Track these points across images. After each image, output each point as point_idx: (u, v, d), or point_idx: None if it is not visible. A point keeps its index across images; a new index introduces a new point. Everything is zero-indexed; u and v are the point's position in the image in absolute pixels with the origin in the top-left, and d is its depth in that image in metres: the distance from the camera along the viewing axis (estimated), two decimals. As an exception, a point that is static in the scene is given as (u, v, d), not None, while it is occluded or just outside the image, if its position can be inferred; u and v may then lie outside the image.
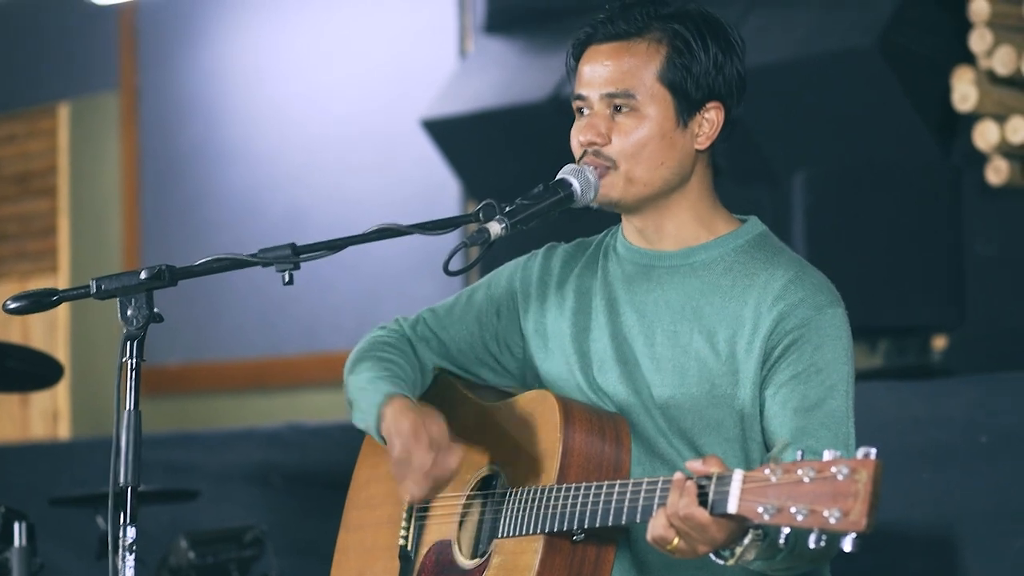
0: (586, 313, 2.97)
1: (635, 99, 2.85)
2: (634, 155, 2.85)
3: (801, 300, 2.81)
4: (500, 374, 3.09)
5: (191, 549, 4.66)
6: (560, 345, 2.98)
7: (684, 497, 2.49)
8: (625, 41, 2.88)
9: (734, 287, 2.86)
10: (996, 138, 5.17)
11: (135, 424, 2.68)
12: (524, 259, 3.09)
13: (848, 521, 2.29)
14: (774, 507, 2.36)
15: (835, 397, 2.79)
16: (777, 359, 2.80)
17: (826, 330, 2.81)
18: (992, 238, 5.31)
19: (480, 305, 3.07)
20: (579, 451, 2.81)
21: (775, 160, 5.61)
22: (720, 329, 2.84)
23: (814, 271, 2.88)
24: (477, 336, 3.07)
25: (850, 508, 2.29)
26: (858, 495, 2.30)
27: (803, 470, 2.35)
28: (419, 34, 7.31)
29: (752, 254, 2.89)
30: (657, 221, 2.92)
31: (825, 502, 2.32)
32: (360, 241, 2.78)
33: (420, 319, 3.12)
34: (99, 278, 2.72)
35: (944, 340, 5.57)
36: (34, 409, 8.39)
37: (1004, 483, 4.15)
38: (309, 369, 7.53)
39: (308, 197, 7.57)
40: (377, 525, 3.05)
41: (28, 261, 8.59)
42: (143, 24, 8.19)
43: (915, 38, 5.34)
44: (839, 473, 2.32)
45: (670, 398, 2.85)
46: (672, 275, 2.91)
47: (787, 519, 2.35)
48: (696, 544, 2.51)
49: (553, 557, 2.77)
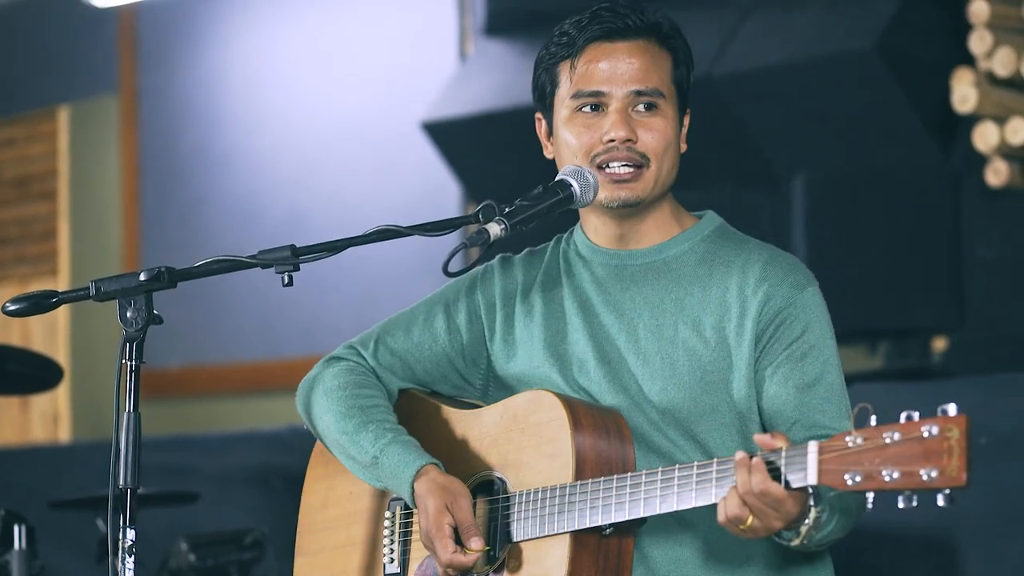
0: (559, 318, 2.97)
1: (663, 97, 2.88)
2: (663, 153, 2.88)
3: (782, 279, 2.86)
4: (462, 388, 3.09)
5: (191, 551, 4.66)
6: (529, 353, 2.98)
7: (756, 474, 2.51)
8: (643, 40, 2.90)
9: (712, 275, 2.89)
10: (996, 140, 5.17)
11: (135, 426, 2.68)
12: (479, 271, 3.07)
13: (946, 477, 2.33)
14: (861, 473, 2.39)
15: (830, 372, 2.85)
16: (770, 339, 2.84)
17: (810, 308, 2.86)
18: (992, 240, 5.31)
19: (441, 323, 3.06)
20: (590, 447, 2.81)
21: (775, 163, 5.61)
22: (706, 317, 2.87)
23: (784, 253, 2.94)
24: (441, 354, 3.06)
25: (946, 465, 2.32)
26: (952, 451, 2.32)
27: (887, 433, 2.38)
28: (419, 37, 7.32)
29: (721, 243, 2.94)
30: (643, 220, 2.94)
31: (919, 462, 2.35)
32: (360, 242, 2.78)
33: (379, 343, 3.08)
34: (98, 280, 2.72)
35: (944, 342, 5.57)
36: (34, 412, 8.39)
37: (1004, 485, 4.15)
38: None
39: (308, 200, 7.57)
40: (344, 547, 3.03)
41: (28, 265, 8.58)
42: (143, 27, 8.19)
43: (914, 40, 5.34)
44: (927, 432, 2.35)
45: (662, 391, 2.86)
46: (646, 272, 2.93)
47: (876, 483, 2.38)
48: (772, 520, 2.53)
49: (582, 554, 2.76)
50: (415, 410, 3.06)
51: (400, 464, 2.90)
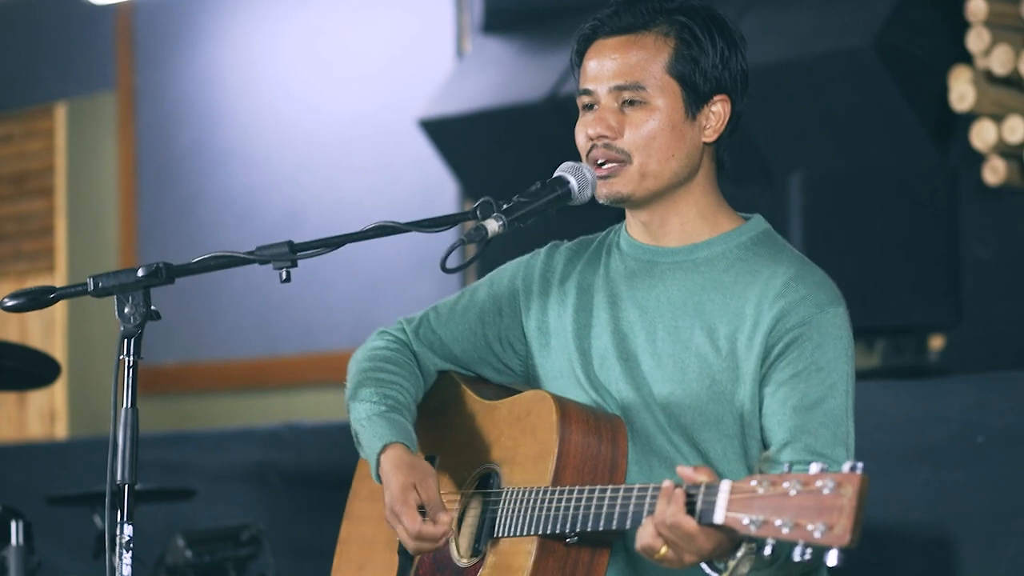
0: (587, 310, 2.97)
1: (645, 91, 2.85)
2: (646, 147, 2.85)
3: (803, 298, 2.81)
4: (503, 372, 3.08)
5: (188, 548, 4.66)
6: (562, 342, 2.97)
7: (672, 505, 2.48)
8: (632, 35, 2.88)
9: (736, 283, 2.85)
10: (993, 138, 5.17)
11: (132, 422, 2.67)
12: (527, 258, 3.08)
13: (832, 536, 2.28)
14: (760, 519, 2.35)
15: (835, 396, 2.78)
16: (777, 356, 2.79)
17: (827, 329, 2.80)
18: (989, 238, 5.31)
19: (483, 304, 3.07)
20: (575, 452, 2.81)
21: (772, 160, 5.61)
22: (721, 325, 2.83)
23: (816, 269, 2.88)
24: (480, 335, 3.07)
25: (835, 522, 2.28)
26: (843, 510, 2.28)
27: (789, 483, 2.34)
28: (416, 34, 7.32)
29: (755, 251, 2.89)
30: (663, 215, 2.91)
31: (810, 516, 2.31)
32: (358, 239, 2.78)
33: (424, 320, 3.11)
34: (96, 276, 2.71)
35: (941, 340, 5.58)
36: (31, 408, 8.39)
37: (1001, 483, 4.15)
38: (306, 369, 7.53)
39: (306, 197, 7.57)
40: (379, 518, 3.05)
41: (25, 261, 8.59)
42: (140, 24, 8.19)
43: (912, 38, 5.34)
44: (825, 487, 2.31)
45: (670, 394, 2.85)
46: (674, 271, 2.91)
47: (772, 532, 2.34)
48: (683, 553, 2.50)
49: (546, 559, 2.77)
50: (448, 395, 3.08)
51: (373, 437, 2.91)
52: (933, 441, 4.23)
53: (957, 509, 4.18)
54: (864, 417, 3.01)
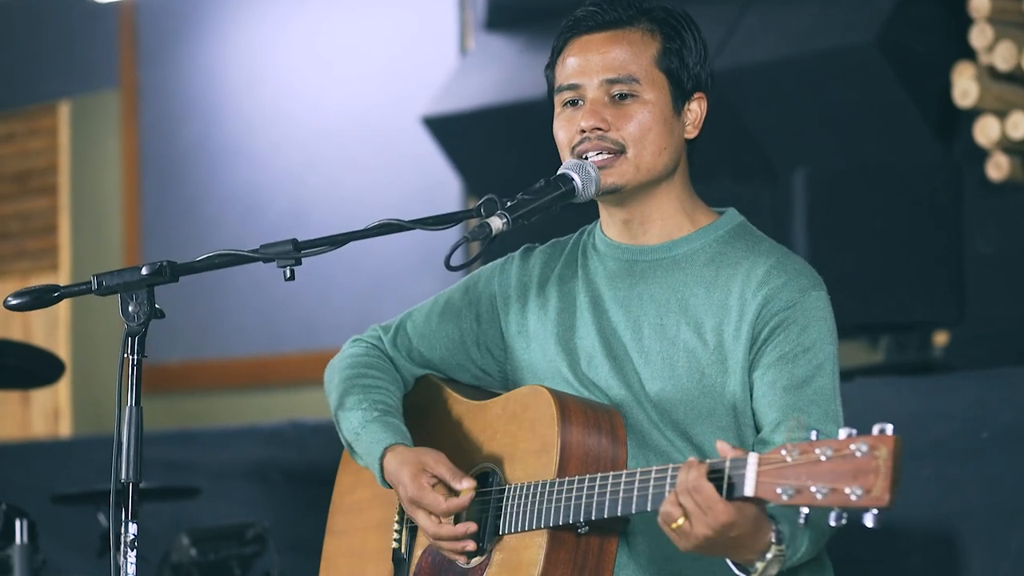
0: (570, 312, 2.98)
1: (638, 83, 2.87)
2: (641, 139, 2.87)
3: (784, 283, 2.84)
4: (480, 378, 3.11)
5: (193, 546, 4.66)
6: (543, 345, 2.99)
7: (693, 471, 2.49)
8: (619, 30, 2.91)
9: (718, 277, 2.88)
10: (997, 134, 5.17)
11: (136, 420, 2.68)
12: (500, 262, 3.10)
13: (871, 497, 2.30)
14: (793, 488, 2.36)
15: (823, 375, 2.81)
16: (764, 341, 2.82)
17: (811, 311, 2.83)
18: (993, 234, 5.31)
19: (459, 310, 3.08)
20: (577, 444, 2.82)
21: (775, 157, 5.61)
22: (707, 319, 2.86)
23: (795, 257, 2.92)
24: (458, 341, 3.08)
25: (872, 484, 2.30)
26: (879, 471, 2.30)
27: (820, 449, 2.35)
28: (419, 31, 7.32)
29: (733, 244, 2.92)
30: (645, 211, 2.94)
31: (846, 480, 2.32)
32: (361, 236, 2.79)
33: (400, 328, 3.12)
34: (100, 274, 2.72)
35: (945, 336, 5.58)
36: (35, 407, 8.39)
37: (1004, 479, 4.15)
38: (309, 367, 7.52)
39: (309, 195, 7.58)
40: (365, 529, 3.06)
41: (28, 259, 8.59)
42: (143, 22, 8.19)
43: (915, 34, 5.33)
44: (858, 450, 2.32)
45: (661, 390, 2.86)
46: (655, 269, 2.93)
47: (807, 499, 2.35)
48: (700, 526, 2.49)
49: (558, 551, 2.78)
50: (430, 398, 3.09)
51: (372, 443, 2.93)
52: (937, 437, 4.24)
53: (960, 505, 4.19)
54: (867, 413, 3.02)
